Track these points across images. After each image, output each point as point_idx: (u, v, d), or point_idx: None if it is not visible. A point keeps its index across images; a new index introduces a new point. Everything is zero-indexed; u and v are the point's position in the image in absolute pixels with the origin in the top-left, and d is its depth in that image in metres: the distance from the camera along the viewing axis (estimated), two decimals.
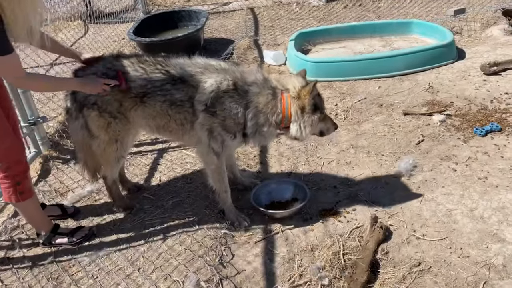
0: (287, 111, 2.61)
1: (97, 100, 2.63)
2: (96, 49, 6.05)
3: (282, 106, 2.61)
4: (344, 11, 6.97)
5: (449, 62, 4.79)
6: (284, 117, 2.63)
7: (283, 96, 2.62)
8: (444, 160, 3.28)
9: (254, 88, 2.62)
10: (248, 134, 2.65)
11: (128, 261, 2.67)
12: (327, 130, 2.82)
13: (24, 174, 2.59)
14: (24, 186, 2.59)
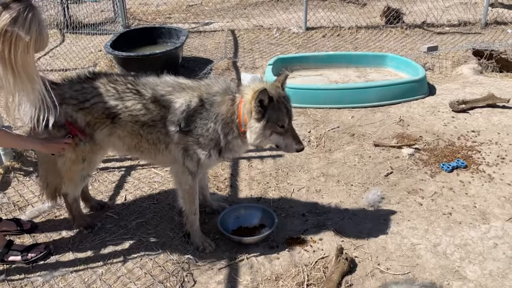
0: (243, 117, 2.51)
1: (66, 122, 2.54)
2: (71, 59, 5.95)
3: (239, 111, 2.52)
4: (323, 40, 7.13)
5: (420, 97, 4.93)
6: (240, 122, 2.52)
7: (241, 101, 2.53)
8: (411, 194, 3.33)
9: (217, 97, 2.57)
10: (223, 148, 2.60)
11: (84, 283, 2.55)
12: (285, 146, 2.58)
13: None
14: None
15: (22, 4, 1.99)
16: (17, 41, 1.98)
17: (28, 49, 2.04)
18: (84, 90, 2.56)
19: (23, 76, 2.08)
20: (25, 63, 2.06)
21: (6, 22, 1.93)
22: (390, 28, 7.46)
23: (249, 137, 2.52)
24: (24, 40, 1.99)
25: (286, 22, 7.71)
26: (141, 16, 8.26)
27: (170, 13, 8.73)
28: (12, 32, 1.95)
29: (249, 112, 2.47)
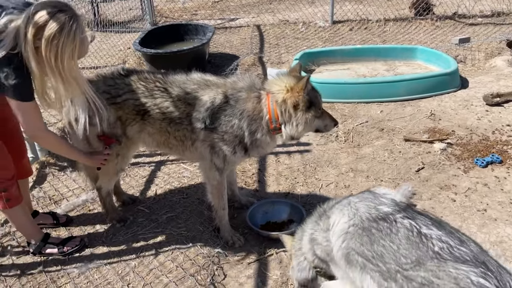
0: (273, 112, 2.52)
1: (100, 122, 2.60)
2: (101, 57, 6.08)
3: (268, 108, 2.53)
4: (350, 33, 7.02)
5: (452, 90, 4.79)
6: (271, 118, 2.53)
7: (268, 97, 2.54)
8: (443, 190, 3.25)
9: (242, 94, 2.58)
10: (248, 145, 2.61)
11: (118, 275, 2.62)
12: (324, 127, 2.65)
13: (11, 181, 2.54)
14: (10, 193, 2.54)
15: (68, 14, 2.08)
16: (63, 49, 2.07)
17: (73, 56, 2.13)
18: (116, 85, 2.62)
19: (71, 81, 2.18)
20: (71, 69, 2.16)
21: (53, 31, 2.02)
22: (419, 20, 7.26)
23: (292, 130, 2.52)
24: (69, 47, 2.08)
25: (312, 16, 7.63)
26: (167, 14, 8.35)
27: (196, 9, 8.79)
28: (59, 40, 2.04)
29: (294, 105, 2.47)
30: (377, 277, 1.63)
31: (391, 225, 1.68)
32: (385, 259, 1.61)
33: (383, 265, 1.61)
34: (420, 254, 1.53)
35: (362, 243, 1.72)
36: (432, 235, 1.59)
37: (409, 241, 1.60)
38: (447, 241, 1.54)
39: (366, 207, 1.80)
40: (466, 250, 1.50)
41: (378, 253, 1.64)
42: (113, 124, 2.64)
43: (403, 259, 1.56)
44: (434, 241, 1.56)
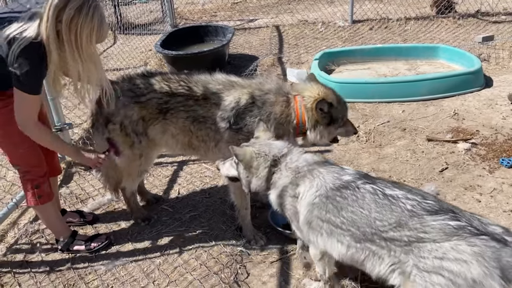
0: (301, 117, 2.58)
1: (123, 120, 2.66)
2: (124, 59, 6.20)
3: (296, 112, 2.58)
4: (370, 32, 6.97)
5: (476, 89, 4.71)
6: (299, 123, 2.59)
7: (297, 101, 2.59)
8: (468, 190, 3.21)
9: (270, 96, 2.61)
10: None
11: (143, 272, 2.67)
12: (345, 133, 2.80)
13: (43, 178, 2.63)
14: (42, 190, 2.63)
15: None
16: (82, 29, 2.13)
17: (91, 38, 2.19)
18: (141, 85, 2.68)
19: (89, 62, 2.24)
20: (89, 51, 2.21)
21: (72, 11, 2.09)
22: (441, 18, 7.16)
23: (315, 139, 2.63)
24: (87, 28, 2.14)
25: (332, 16, 7.60)
26: (188, 16, 8.45)
27: (215, 11, 8.86)
28: (78, 20, 2.11)
29: (314, 119, 2.56)
30: (347, 240, 1.80)
31: (355, 191, 1.83)
32: (357, 224, 1.75)
33: (356, 230, 1.76)
34: (397, 215, 1.66)
35: (328, 211, 1.87)
36: (398, 195, 1.73)
37: (378, 204, 1.74)
38: (414, 198, 1.69)
39: (332, 178, 1.94)
40: (431, 202, 1.66)
41: (349, 219, 1.79)
42: (136, 122, 2.69)
43: (378, 222, 1.70)
44: (402, 200, 1.70)
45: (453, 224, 1.57)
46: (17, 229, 3.13)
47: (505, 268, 1.46)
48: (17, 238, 3.03)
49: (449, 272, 1.52)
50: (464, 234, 1.55)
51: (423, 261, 1.59)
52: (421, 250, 1.60)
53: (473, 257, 1.50)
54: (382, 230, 1.69)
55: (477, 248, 1.50)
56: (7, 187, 3.59)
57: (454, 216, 1.60)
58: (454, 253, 1.53)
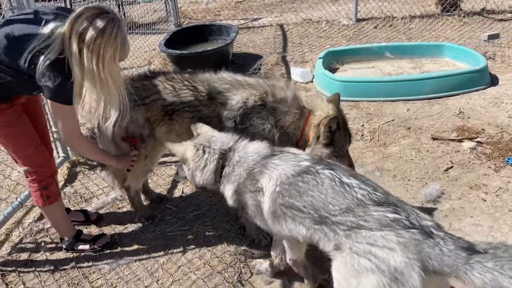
0: (306, 134, 2.58)
1: (129, 125, 2.64)
2: (128, 59, 6.19)
3: (304, 127, 2.58)
4: (374, 31, 6.94)
5: (482, 88, 4.68)
6: (301, 138, 2.59)
7: (309, 117, 2.59)
8: (473, 189, 3.18)
9: (283, 106, 2.59)
10: None
11: (147, 271, 2.67)
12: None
13: (51, 179, 2.65)
14: (50, 191, 2.64)
15: (109, 17, 2.12)
16: (105, 51, 2.11)
17: (114, 58, 2.17)
18: (144, 87, 2.67)
19: (110, 83, 2.20)
20: (111, 72, 2.19)
21: (95, 32, 2.07)
22: (446, 16, 7.11)
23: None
24: (111, 49, 2.12)
25: (336, 14, 7.57)
26: (191, 15, 8.45)
27: (219, 10, 8.86)
28: (100, 42, 2.08)
29: (316, 136, 2.54)
30: (308, 222, 1.90)
31: (315, 176, 1.92)
32: (315, 207, 1.87)
33: (314, 212, 1.87)
34: (348, 202, 1.80)
35: (291, 196, 1.94)
36: (353, 184, 1.85)
37: (334, 190, 1.86)
38: (365, 188, 1.82)
39: (290, 166, 2.01)
40: (379, 194, 1.80)
41: (309, 203, 1.89)
42: (142, 125, 2.68)
43: (331, 206, 1.83)
44: (356, 189, 1.83)
45: (390, 216, 1.71)
46: (21, 228, 3.14)
47: (425, 259, 1.59)
48: (22, 237, 3.05)
49: (375, 257, 1.66)
50: (396, 226, 1.67)
51: (357, 245, 1.73)
52: (358, 235, 1.74)
53: (398, 247, 1.63)
54: (332, 214, 1.82)
55: (403, 239, 1.63)
56: (11, 186, 3.61)
57: (395, 210, 1.73)
58: (383, 241, 1.66)
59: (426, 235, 1.63)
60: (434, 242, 1.60)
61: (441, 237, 1.62)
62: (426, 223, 1.69)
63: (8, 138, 2.36)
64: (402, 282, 1.60)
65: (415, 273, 1.59)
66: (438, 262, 1.56)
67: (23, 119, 2.47)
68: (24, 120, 2.47)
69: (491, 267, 1.48)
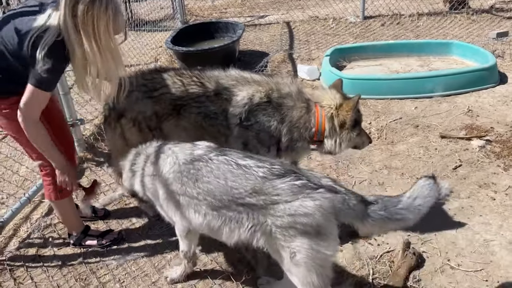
0: (320, 126, 2.58)
1: (137, 115, 2.64)
2: (135, 55, 6.21)
3: (316, 120, 2.58)
4: (382, 28, 6.89)
5: (491, 86, 4.63)
6: (317, 131, 2.60)
7: (317, 109, 2.59)
8: (482, 188, 3.16)
9: (288, 101, 2.60)
10: (282, 149, 2.63)
11: (154, 267, 2.68)
12: (362, 144, 2.78)
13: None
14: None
15: None
16: (98, 21, 2.11)
17: (108, 29, 2.15)
18: (154, 80, 2.67)
19: (108, 55, 2.20)
20: (108, 43, 2.18)
21: (86, 3, 2.08)
22: (454, 14, 7.05)
23: (331, 147, 2.63)
24: (103, 19, 2.12)
25: (343, 12, 7.53)
26: (198, 12, 8.43)
27: (225, 7, 8.83)
28: (92, 11, 2.09)
29: (341, 123, 2.56)
30: (204, 209, 1.99)
31: (208, 163, 2.01)
32: (214, 193, 1.95)
33: (212, 199, 1.96)
34: (252, 182, 1.90)
35: (183, 184, 2.03)
36: (250, 164, 1.95)
37: (233, 173, 1.94)
38: (263, 166, 1.93)
39: (184, 154, 2.10)
40: (278, 167, 1.93)
41: (205, 189, 1.97)
42: (149, 117, 2.68)
43: (234, 190, 1.91)
44: (254, 168, 1.93)
45: (298, 183, 1.86)
46: (29, 223, 3.15)
47: (338, 212, 1.86)
48: (30, 233, 3.06)
49: (300, 224, 1.84)
50: (307, 191, 1.85)
51: (280, 219, 1.86)
52: (276, 210, 1.86)
53: (315, 209, 1.83)
54: (238, 197, 1.91)
55: (318, 202, 1.84)
56: (19, 182, 3.63)
57: (297, 176, 1.89)
58: (302, 208, 1.83)
59: (332, 192, 1.87)
60: (342, 197, 1.87)
61: (344, 193, 1.89)
62: (326, 182, 1.92)
63: (21, 132, 2.37)
64: (325, 234, 1.86)
65: (333, 225, 1.88)
66: (347, 215, 1.88)
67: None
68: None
69: (382, 214, 1.88)
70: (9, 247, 2.94)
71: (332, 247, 1.90)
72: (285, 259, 1.93)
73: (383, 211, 1.89)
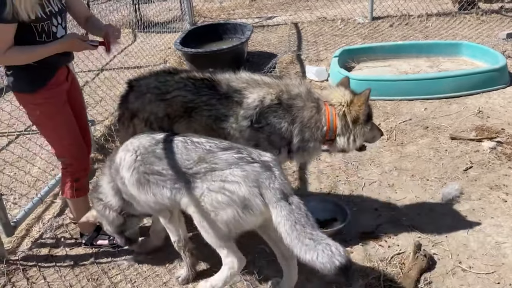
0: (332, 124, 2.59)
1: (149, 116, 2.67)
2: (144, 57, 6.25)
3: (327, 119, 2.59)
4: (390, 29, 6.87)
5: (501, 87, 4.61)
6: (329, 130, 2.60)
7: (327, 108, 2.60)
8: (493, 190, 3.14)
9: (298, 101, 2.61)
10: (294, 150, 2.63)
11: (165, 268, 2.70)
12: (372, 138, 2.78)
13: (84, 172, 2.72)
14: (81, 184, 2.71)
15: None
16: None
17: None
18: (166, 82, 2.69)
19: None
20: None
21: None
22: (463, 14, 7.01)
23: (344, 143, 2.63)
24: None
25: (351, 13, 7.52)
26: (206, 13, 8.46)
27: (233, 8, 8.85)
28: None
29: (354, 118, 2.58)
30: (169, 184, 2.17)
31: (170, 143, 2.22)
32: (176, 168, 2.15)
33: (174, 173, 2.15)
34: (199, 153, 2.13)
35: (151, 163, 2.21)
36: (202, 141, 2.20)
37: (187, 149, 2.17)
38: (213, 142, 2.19)
39: (146, 139, 2.30)
40: (225, 143, 2.20)
41: (167, 165, 2.17)
42: (161, 119, 2.70)
43: (187, 162, 2.14)
44: (205, 143, 2.18)
45: (236, 156, 2.08)
46: (41, 223, 3.19)
47: (261, 186, 2.01)
48: (42, 233, 3.09)
49: (228, 191, 2.03)
50: (241, 163, 2.05)
51: (213, 184, 2.07)
52: (212, 176, 2.07)
53: (242, 179, 2.01)
54: (189, 168, 2.12)
55: (245, 172, 2.02)
56: (32, 182, 3.66)
57: (239, 151, 2.11)
58: (231, 177, 2.03)
59: (265, 168, 2.05)
60: (270, 175, 2.03)
61: (275, 174, 2.05)
62: (266, 159, 2.10)
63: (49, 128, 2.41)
64: (250, 207, 2.02)
65: (257, 199, 2.01)
66: (266, 193, 2.01)
67: (66, 109, 2.56)
68: (67, 110, 2.56)
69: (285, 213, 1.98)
70: (21, 247, 2.98)
71: (253, 221, 2.08)
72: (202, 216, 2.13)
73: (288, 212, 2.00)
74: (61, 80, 2.56)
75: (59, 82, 2.53)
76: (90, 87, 5.36)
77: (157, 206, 2.29)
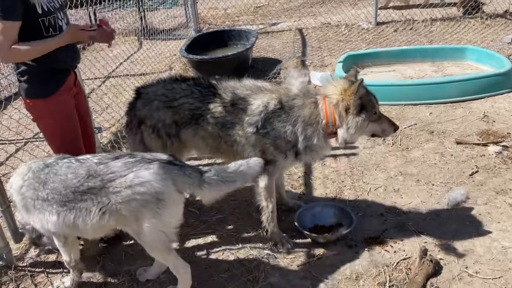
0: (330, 116, 2.57)
1: (156, 123, 2.71)
2: (149, 64, 6.31)
3: (325, 112, 2.58)
4: (394, 34, 6.89)
5: (507, 91, 4.60)
6: (328, 122, 2.58)
7: (325, 101, 2.59)
8: (499, 194, 3.13)
9: (298, 101, 2.63)
10: (301, 150, 2.64)
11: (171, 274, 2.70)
12: (382, 131, 2.70)
13: None
14: None
15: None
16: None
17: None
18: (174, 90, 2.73)
19: None
20: None
21: None
22: (468, 19, 7.01)
23: (344, 135, 2.56)
24: None
25: (355, 18, 7.55)
26: (211, 20, 8.53)
27: (238, 15, 8.92)
28: None
29: (345, 108, 2.50)
30: (55, 208, 2.15)
31: (54, 167, 2.22)
32: (60, 191, 2.13)
33: (58, 195, 2.13)
34: (86, 169, 2.12)
35: (35, 189, 2.20)
36: (87, 157, 2.22)
37: (71, 168, 2.16)
38: (99, 155, 2.22)
39: (37, 164, 2.28)
40: (113, 155, 2.21)
41: (52, 189, 2.15)
42: (169, 125, 2.74)
43: (74, 181, 2.12)
44: (90, 159, 2.19)
45: (131, 160, 2.11)
46: None
47: (175, 178, 2.09)
48: None
49: (139, 194, 2.04)
50: (140, 164, 2.08)
51: (119, 194, 2.05)
52: (114, 186, 2.06)
53: (151, 177, 2.04)
54: (78, 186, 2.10)
55: (152, 170, 2.06)
56: None
57: (131, 156, 2.16)
58: (138, 179, 2.05)
59: (169, 163, 2.11)
60: (179, 167, 2.11)
61: (181, 164, 2.14)
62: (162, 157, 2.16)
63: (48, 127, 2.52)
64: (165, 199, 2.07)
65: (172, 190, 2.08)
66: (185, 182, 2.10)
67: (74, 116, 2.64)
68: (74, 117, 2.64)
69: (216, 178, 2.14)
70: (29, 253, 3.00)
71: (174, 213, 2.15)
72: (134, 230, 2.16)
73: (216, 176, 2.15)
74: (70, 85, 2.64)
75: (69, 87, 2.61)
76: (97, 94, 5.41)
77: (45, 231, 2.31)
